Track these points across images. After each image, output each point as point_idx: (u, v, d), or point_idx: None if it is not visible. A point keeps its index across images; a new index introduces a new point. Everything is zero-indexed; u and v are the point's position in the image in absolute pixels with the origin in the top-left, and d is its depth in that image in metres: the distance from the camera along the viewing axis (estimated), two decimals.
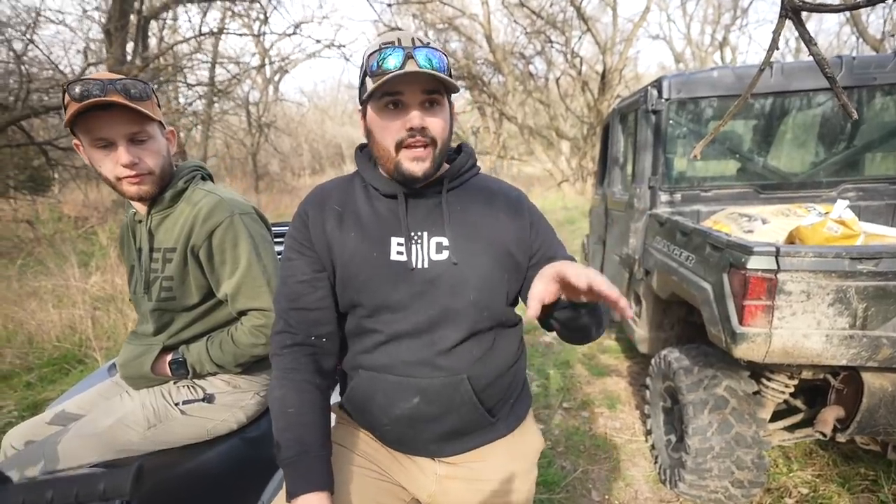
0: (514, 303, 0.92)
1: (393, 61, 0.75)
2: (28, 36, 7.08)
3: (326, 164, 20.72)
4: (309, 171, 19.26)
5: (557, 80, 13.98)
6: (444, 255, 0.83)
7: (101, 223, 7.27)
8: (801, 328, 1.42)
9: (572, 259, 0.90)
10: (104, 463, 0.99)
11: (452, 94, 0.85)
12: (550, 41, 13.07)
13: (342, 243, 0.84)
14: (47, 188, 8.84)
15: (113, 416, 1.02)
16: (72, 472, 0.88)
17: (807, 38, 1.17)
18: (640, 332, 2.64)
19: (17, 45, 7.04)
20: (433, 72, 0.74)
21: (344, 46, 11.19)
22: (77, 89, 0.90)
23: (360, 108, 0.86)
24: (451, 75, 0.81)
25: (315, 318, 0.85)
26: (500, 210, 0.89)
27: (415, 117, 0.77)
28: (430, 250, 0.83)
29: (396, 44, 0.77)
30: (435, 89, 0.78)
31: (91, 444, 0.98)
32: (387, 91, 0.77)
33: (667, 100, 2.42)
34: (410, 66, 0.75)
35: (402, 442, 0.88)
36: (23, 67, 7.03)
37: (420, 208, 0.86)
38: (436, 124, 0.79)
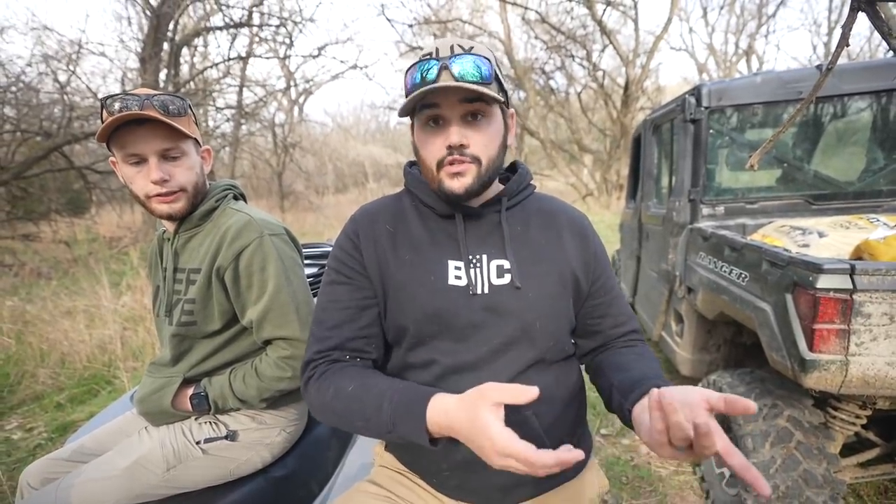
0: (572, 332, 0.83)
1: (428, 76, 0.68)
2: (71, 68, 7.48)
3: (350, 183, 21.03)
4: (333, 189, 19.58)
5: (579, 94, 13.91)
6: (506, 278, 0.75)
7: (133, 243, 7.49)
8: (884, 355, 1.26)
9: (622, 296, 0.85)
10: None
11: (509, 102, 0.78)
12: (571, 55, 13.05)
13: (397, 266, 0.76)
14: (85, 210, 9.22)
15: (130, 456, 0.96)
16: None
17: (885, 31, 1.05)
18: (682, 353, 2.46)
19: (62, 77, 7.44)
20: (462, 84, 0.66)
21: (366, 67, 11.43)
22: (116, 105, 0.87)
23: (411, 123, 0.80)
24: (499, 81, 0.73)
25: (357, 347, 0.77)
26: (563, 230, 0.81)
27: (453, 133, 0.69)
28: (490, 274, 0.75)
29: (434, 55, 0.70)
30: (476, 98, 0.70)
31: (107, 487, 0.91)
32: (425, 104, 0.70)
33: (706, 108, 2.29)
34: (445, 79, 0.67)
35: (462, 489, 0.78)
36: (66, 97, 7.40)
37: (477, 230, 0.78)
38: (478, 140, 0.72)
